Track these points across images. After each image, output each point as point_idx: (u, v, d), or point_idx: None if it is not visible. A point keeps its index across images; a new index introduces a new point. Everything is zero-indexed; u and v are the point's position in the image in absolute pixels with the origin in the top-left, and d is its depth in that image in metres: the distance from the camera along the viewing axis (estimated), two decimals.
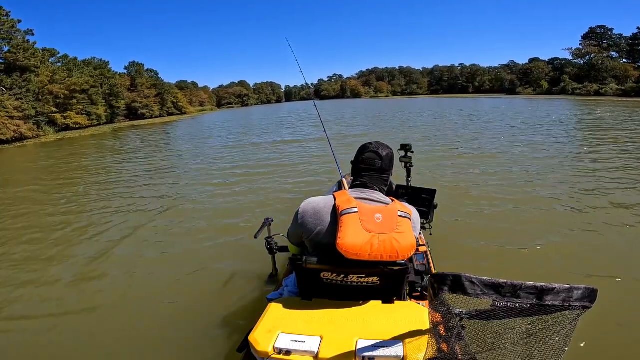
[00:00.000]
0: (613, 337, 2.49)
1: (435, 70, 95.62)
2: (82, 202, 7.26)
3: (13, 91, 27.89)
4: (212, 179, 8.54)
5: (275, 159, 10.55)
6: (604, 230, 4.26)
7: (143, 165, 11.34)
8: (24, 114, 27.03)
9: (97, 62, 46.38)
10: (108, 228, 5.38)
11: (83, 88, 36.44)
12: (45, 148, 20.83)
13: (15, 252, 4.70)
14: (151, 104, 51.92)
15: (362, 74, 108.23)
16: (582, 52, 58.74)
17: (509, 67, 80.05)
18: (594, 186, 6.02)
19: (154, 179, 9.06)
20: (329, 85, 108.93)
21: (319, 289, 1.61)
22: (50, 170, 12.21)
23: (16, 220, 6.25)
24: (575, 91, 52.39)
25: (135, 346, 2.70)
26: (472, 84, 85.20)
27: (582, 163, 7.82)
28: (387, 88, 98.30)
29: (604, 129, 13.72)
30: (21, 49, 29.65)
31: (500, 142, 11.20)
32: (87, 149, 18.60)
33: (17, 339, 2.91)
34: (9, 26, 29.20)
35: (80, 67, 40.72)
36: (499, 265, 3.60)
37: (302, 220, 1.62)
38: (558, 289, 0.93)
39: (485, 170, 7.57)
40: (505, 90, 72.94)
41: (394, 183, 2.82)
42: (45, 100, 31.21)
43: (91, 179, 9.66)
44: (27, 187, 9.13)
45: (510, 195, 5.74)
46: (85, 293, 3.55)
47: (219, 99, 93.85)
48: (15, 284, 3.80)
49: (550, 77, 63.74)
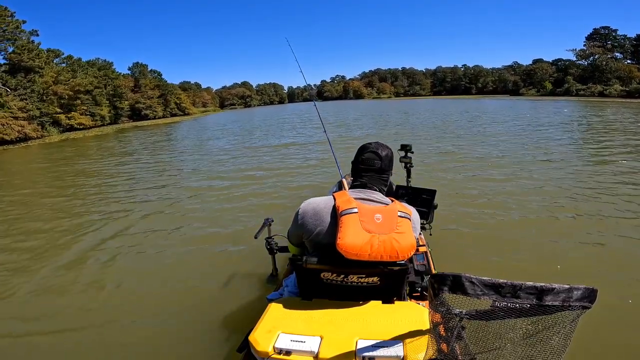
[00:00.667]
0: (613, 337, 2.49)
1: (438, 71, 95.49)
2: (88, 202, 7.31)
3: (17, 92, 27.99)
4: (211, 180, 8.55)
5: (275, 162, 10.47)
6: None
7: (142, 167, 11.35)
8: (29, 115, 27.11)
9: (101, 63, 46.56)
10: (109, 228, 5.41)
11: (87, 89, 36.56)
12: (48, 149, 20.93)
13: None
14: (154, 104, 52.04)
15: (365, 75, 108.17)
16: (586, 53, 58.51)
17: (513, 68, 79.80)
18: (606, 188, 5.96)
19: (154, 180, 9.07)
20: (332, 86, 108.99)
21: (319, 289, 1.61)
22: (51, 170, 12.29)
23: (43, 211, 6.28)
24: (579, 92, 52.20)
25: (135, 346, 2.70)
26: (475, 85, 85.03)
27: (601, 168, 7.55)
28: (390, 89, 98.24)
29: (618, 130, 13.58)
30: (26, 50, 29.78)
31: (512, 144, 11.11)
32: (90, 150, 18.73)
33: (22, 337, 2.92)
34: (14, 27, 29.27)
35: (85, 67, 40.85)
36: (500, 266, 3.60)
37: (302, 220, 1.63)
38: (558, 289, 0.93)
39: (495, 174, 7.49)
40: (509, 91, 72.78)
41: (394, 183, 2.82)
42: (50, 100, 31.31)
43: (90, 182, 9.65)
44: (24, 191, 9.17)
45: (514, 196, 5.73)
46: (85, 292, 3.56)
47: (222, 100, 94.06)
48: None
49: (554, 78, 63.54)
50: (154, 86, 54.18)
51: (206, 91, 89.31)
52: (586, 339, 2.25)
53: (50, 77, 32.30)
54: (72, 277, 3.92)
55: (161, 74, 59.88)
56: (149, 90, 52.45)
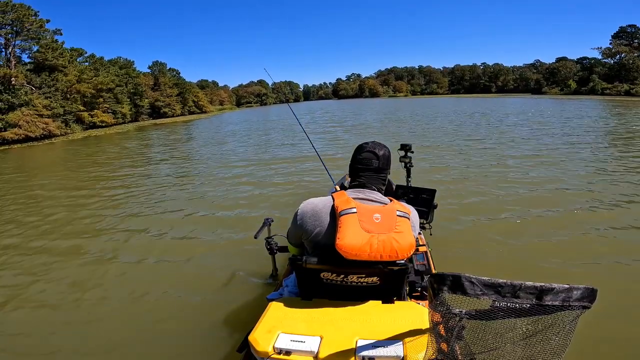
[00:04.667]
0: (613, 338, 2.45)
1: (456, 70, 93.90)
2: (101, 200, 7.49)
3: (42, 90, 28.92)
4: (216, 179, 8.51)
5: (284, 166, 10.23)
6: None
7: (156, 165, 11.50)
8: (53, 112, 27.94)
9: (123, 62, 47.80)
10: (109, 228, 5.44)
11: (109, 87, 37.48)
12: (72, 145, 21.57)
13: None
14: (173, 102, 53.13)
15: (381, 73, 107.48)
16: (612, 51, 56.55)
17: (535, 66, 77.77)
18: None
19: (161, 180, 8.98)
20: (347, 85, 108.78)
21: (319, 289, 1.61)
22: (74, 166, 12.66)
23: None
24: (605, 91, 50.49)
25: (135, 346, 2.71)
26: (495, 83, 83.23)
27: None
28: (406, 87, 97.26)
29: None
30: (50, 49, 30.63)
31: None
32: (111, 148, 19.20)
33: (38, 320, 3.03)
34: (38, 26, 30.11)
35: (107, 66, 41.89)
36: (500, 266, 3.58)
37: (301, 221, 1.63)
38: (557, 289, 0.92)
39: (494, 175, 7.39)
40: (530, 89, 70.98)
41: (394, 183, 2.81)
42: (73, 99, 32.19)
43: (110, 181, 9.81)
44: (43, 182, 9.47)
45: (518, 197, 5.70)
46: (84, 293, 3.55)
47: (239, 98, 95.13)
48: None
49: (579, 77, 61.56)
50: (172, 84, 55.32)
51: (223, 89, 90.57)
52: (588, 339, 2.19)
53: (74, 75, 33.12)
54: (69, 274, 3.95)
55: (180, 72, 61.29)
56: (167, 89, 53.56)
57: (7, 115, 24.51)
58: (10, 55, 28.45)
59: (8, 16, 27.83)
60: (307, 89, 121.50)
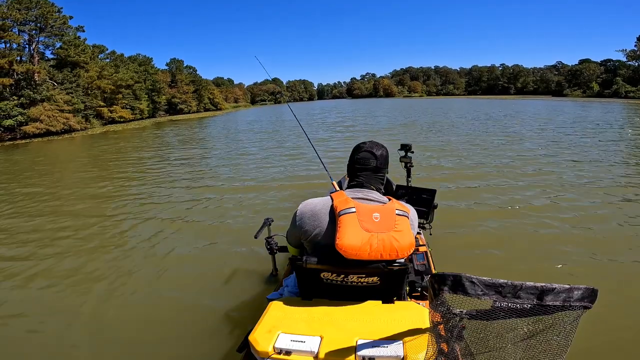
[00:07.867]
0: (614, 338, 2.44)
1: (473, 71, 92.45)
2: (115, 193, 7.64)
3: (64, 85, 29.67)
4: (219, 180, 8.39)
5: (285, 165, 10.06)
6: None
7: (161, 164, 11.45)
8: (74, 108, 28.65)
9: (142, 58, 48.71)
10: (109, 228, 5.46)
11: (128, 83, 38.31)
12: (92, 140, 22.03)
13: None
14: (189, 99, 53.98)
15: (396, 72, 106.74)
16: (637, 54, 54.66)
17: (556, 68, 75.93)
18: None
19: (163, 178, 8.92)
20: (362, 84, 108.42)
21: (319, 289, 1.61)
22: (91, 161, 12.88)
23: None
24: (629, 94, 48.92)
25: (135, 346, 2.71)
26: (514, 84, 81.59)
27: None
28: (422, 88, 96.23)
29: None
30: (72, 45, 31.42)
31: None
32: (129, 142, 19.55)
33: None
34: (61, 22, 30.74)
35: (126, 63, 42.81)
36: (500, 266, 3.57)
37: (300, 222, 1.63)
38: (558, 289, 0.91)
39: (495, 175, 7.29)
40: (551, 91, 69.33)
41: (394, 183, 2.80)
42: (94, 94, 32.98)
43: (122, 179, 9.75)
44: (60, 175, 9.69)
45: (515, 197, 5.72)
46: (84, 292, 3.55)
47: (253, 95, 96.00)
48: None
49: (602, 79, 59.77)
50: (189, 81, 56.16)
51: (238, 87, 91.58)
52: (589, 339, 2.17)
53: (95, 72, 33.88)
54: (69, 274, 3.95)
55: (196, 69, 61.92)
56: (184, 86, 54.41)
57: (29, 110, 25.23)
58: (33, 51, 29.15)
59: (32, 12, 28.50)
60: (321, 88, 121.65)
